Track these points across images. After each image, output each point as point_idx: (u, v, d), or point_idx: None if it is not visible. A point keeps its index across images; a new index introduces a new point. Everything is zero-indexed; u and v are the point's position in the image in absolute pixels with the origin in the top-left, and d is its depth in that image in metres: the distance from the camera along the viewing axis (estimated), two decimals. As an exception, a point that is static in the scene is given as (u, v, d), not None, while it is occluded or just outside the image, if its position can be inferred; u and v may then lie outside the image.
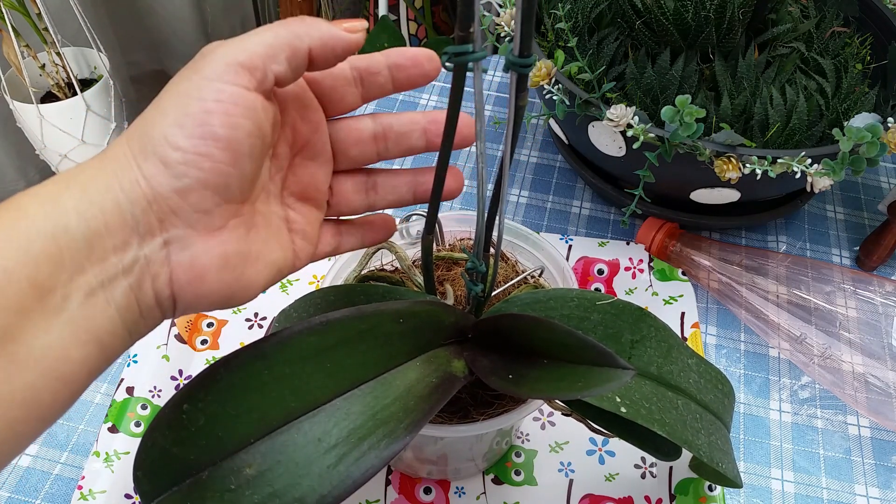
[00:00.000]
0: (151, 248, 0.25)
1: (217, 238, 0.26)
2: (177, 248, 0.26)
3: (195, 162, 0.25)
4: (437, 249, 0.50)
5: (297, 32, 0.26)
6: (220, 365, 0.29)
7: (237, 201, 0.27)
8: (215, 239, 0.26)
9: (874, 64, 0.63)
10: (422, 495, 0.50)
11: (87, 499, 0.48)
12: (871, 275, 0.59)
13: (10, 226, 0.23)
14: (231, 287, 0.27)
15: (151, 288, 0.25)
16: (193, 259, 0.26)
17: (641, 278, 0.60)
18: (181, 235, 0.25)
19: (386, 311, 0.32)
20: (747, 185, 0.54)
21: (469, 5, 0.24)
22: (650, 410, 0.35)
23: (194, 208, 0.25)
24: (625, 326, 0.38)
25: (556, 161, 0.72)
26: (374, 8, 1.42)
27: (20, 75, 1.15)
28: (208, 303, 0.27)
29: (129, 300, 0.25)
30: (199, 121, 0.24)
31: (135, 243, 0.25)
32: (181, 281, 0.26)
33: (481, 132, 0.29)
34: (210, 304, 0.27)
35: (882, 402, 0.52)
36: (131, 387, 0.53)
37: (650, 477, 0.51)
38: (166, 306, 0.27)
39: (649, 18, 0.58)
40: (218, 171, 0.25)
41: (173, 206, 0.25)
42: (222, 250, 0.27)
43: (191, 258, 0.26)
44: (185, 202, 0.25)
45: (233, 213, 0.27)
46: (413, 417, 0.30)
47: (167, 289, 0.26)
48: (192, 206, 0.25)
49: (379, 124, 0.32)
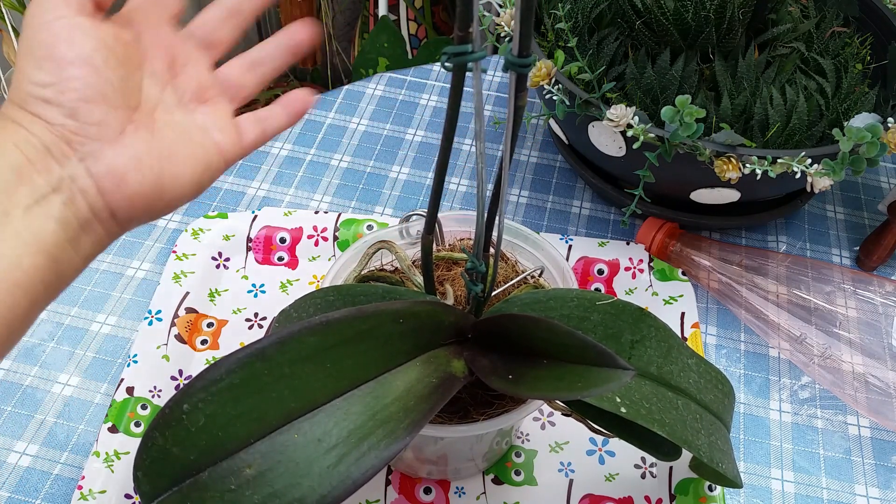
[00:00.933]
0: (71, 166, 0.29)
1: (122, 143, 0.30)
2: (91, 161, 0.29)
3: (66, 85, 0.29)
4: (436, 249, 0.50)
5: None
6: (220, 365, 0.29)
7: (124, 108, 0.31)
8: (120, 144, 0.30)
9: (874, 64, 0.63)
10: (422, 495, 0.50)
11: (87, 499, 0.48)
12: (871, 275, 0.59)
13: None
14: (156, 184, 0.31)
15: (84, 200, 0.29)
16: (109, 166, 0.30)
17: (641, 278, 0.60)
18: (90, 150, 0.29)
19: (386, 311, 0.32)
20: (747, 185, 0.54)
21: (468, 5, 0.24)
22: (650, 410, 0.35)
23: (87, 122, 0.29)
24: (625, 326, 0.38)
25: (556, 161, 0.72)
26: (374, 8, 1.42)
27: (20, 75, 1.15)
28: (143, 204, 0.31)
29: (65, 213, 0.29)
30: (48, 56, 0.29)
31: (55, 165, 0.29)
32: (107, 188, 0.30)
33: (481, 132, 0.29)
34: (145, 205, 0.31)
35: (882, 402, 0.52)
36: (131, 387, 0.53)
37: (650, 477, 0.51)
38: (105, 217, 0.30)
39: (649, 18, 0.58)
40: (87, 84, 0.29)
41: (70, 128, 0.29)
42: (132, 152, 0.30)
43: (106, 166, 0.30)
44: (78, 121, 0.29)
45: (126, 119, 0.31)
46: (413, 418, 0.30)
47: (99, 200, 0.30)
48: (84, 120, 0.29)
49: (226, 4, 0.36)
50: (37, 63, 0.29)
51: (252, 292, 0.60)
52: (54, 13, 0.29)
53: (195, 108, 0.35)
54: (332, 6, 1.55)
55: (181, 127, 0.33)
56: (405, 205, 0.68)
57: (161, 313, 0.56)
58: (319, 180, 0.69)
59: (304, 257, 0.62)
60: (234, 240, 0.61)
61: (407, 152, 0.72)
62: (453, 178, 0.70)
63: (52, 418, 0.53)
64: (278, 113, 0.37)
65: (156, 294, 0.58)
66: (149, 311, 0.56)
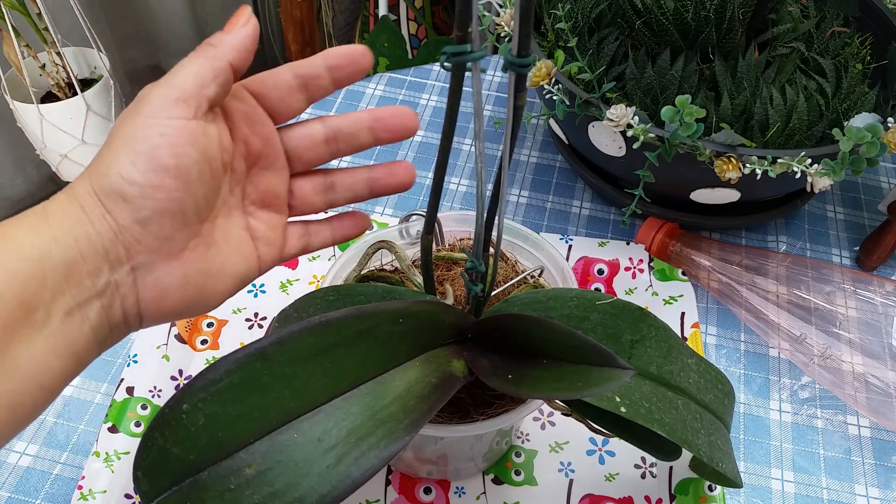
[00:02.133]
0: (120, 273, 0.28)
1: (179, 260, 0.29)
2: (142, 272, 0.29)
3: (150, 194, 0.27)
4: (436, 249, 0.50)
5: (214, 55, 0.29)
6: (220, 365, 0.29)
7: (195, 223, 0.29)
8: (177, 261, 0.29)
9: (874, 64, 0.63)
10: (422, 495, 0.50)
11: (87, 499, 0.48)
12: (871, 275, 0.59)
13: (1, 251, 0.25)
14: (192, 302, 0.30)
15: (121, 308, 0.29)
16: (156, 281, 0.29)
17: (641, 278, 0.60)
18: (145, 261, 0.28)
19: (385, 311, 0.32)
20: (747, 185, 0.54)
21: (467, 5, 0.24)
22: (650, 410, 0.35)
23: (155, 236, 0.28)
24: (625, 326, 0.38)
25: (556, 161, 0.72)
26: (374, 8, 1.42)
27: (20, 75, 1.15)
28: (172, 316, 0.31)
29: (101, 318, 0.28)
30: (148, 156, 0.27)
31: (106, 269, 0.27)
32: (147, 301, 0.29)
33: (480, 132, 0.29)
34: (174, 317, 0.31)
35: (882, 402, 0.52)
36: (131, 387, 0.53)
37: (650, 477, 0.51)
38: (133, 322, 0.30)
39: (649, 18, 0.58)
40: (172, 199, 0.28)
41: (136, 236, 0.28)
42: (183, 272, 0.29)
43: (153, 281, 0.29)
44: (147, 231, 0.28)
45: (192, 234, 0.30)
46: (413, 417, 0.30)
47: (134, 308, 0.29)
48: (153, 233, 0.28)
49: (328, 127, 0.34)
50: (133, 157, 0.27)
51: (252, 292, 0.60)
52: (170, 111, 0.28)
53: (254, 211, 0.33)
54: (332, 6, 1.55)
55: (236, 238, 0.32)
56: (405, 205, 0.68)
57: (161, 313, 0.56)
58: (319, 180, 0.69)
59: (304, 257, 0.62)
60: (234, 240, 0.61)
61: (407, 152, 0.72)
62: (453, 177, 0.70)
63: (52, 418, 0.53)
64: (325, 234, 0.36)
65: (156, 294, 0.58)
66: (149, 311, 0.56)
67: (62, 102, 1.16)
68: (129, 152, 0.27)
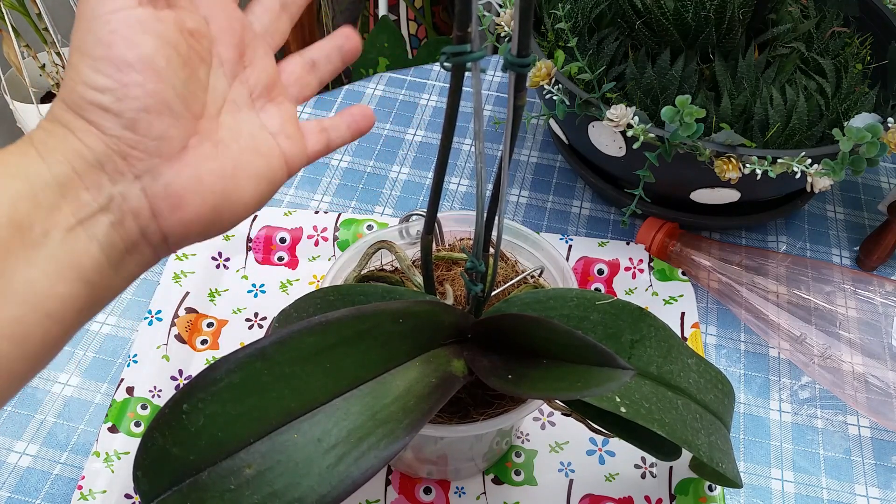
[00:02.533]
0: (124, 184, 0.26)
1: (183, 160, 0.27)
2: (148, 179, 0.26)
3: (124, 93, 0.25)
4: (436, 249, 0.50)
5: None
6: (219, 365, 0.29)
7: (188, 117, 0.27)
8: (181, 161, 0.27)
9: (874, 64, 0.63)
10: (422, 495, 0.50)
11: (87, 499, 0.48)
12: (871, 275, 0.59)
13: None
14: (217, 206, 0.28)
15: (135, 224, 0.26)
16: (167, 186, 0.27)
17: (641, 278, 0.60)
18: (148, 166, 0.26)
19: (385, 311, 0.32)
20: (747, 185, 0.54)
21: (467, 6, 0.24)
22: (650, 410, 0.35)
23: (148, 136, 0.26)
24: (625, 326, 0.38)
25: (556, 161, 0.72)
26: (374, 8, 1.42)
27: (20, 75, 1.15)
28: (199, 228, 0.28)
29: (111, 236, 0.26)
30: (105, 56, 0.25)
31: (106, 182, 0.26)
32: (163, 211, 0.27)
33: (480, 132, 0.29)
34: (201, 228, 0.28)
35: (882, 402, 0.52)
36: (131, 387, 0.53)
37: (650, 477, 0.51)
38: (156, 241, 0.27)
39: (649, 18, 0.58)
40: (148, 92, 0.26)
41: (128, 141, 0.26)
42: (193, 171, 0.27)
43: (164, 186, 0.27)
44: (137, 133, 0.26)
45: (189, 130, 0.27)
46: (413, 417, 0.30)
47: (152, 223, 0.27)
48: (145, 134, 0.26)
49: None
50: (93, 63, 0.25)
51: (252, 292, 0.60)
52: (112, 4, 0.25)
53: (262, 106, 0.31)
54: (332, 6, 1.55)
55: (248, 135, 0.30)
56: (405, 205, 0.68)
57: (161, 313, 0.56)
58: (319, 180, 0.69)
59: (304, 257, 0.62)
60: (234, 240, 0.61)
61: (407, 152, 0.72)
62: (453, 177, 0.70)
63: (53, 418, 0.53)
64: (341, 126, 0.34)
65: (156, 294, 0.58)
66: (149, 311, 0.56)
67: (62, 102, 1.16)
68: (87, 60, 0.25)
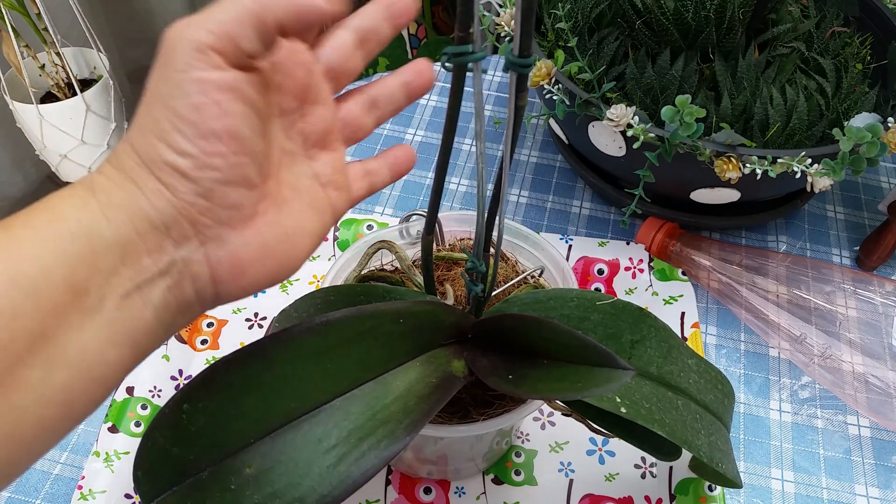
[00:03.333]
0: (188, 249, 0.25)
1: (252, 228, 0.26)
2: (213, 246, 0.25)
3: (207, 163, 0.24)
4: (437, 249, 0.50)
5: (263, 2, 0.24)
6: (220, 365, 0.29)
7: (260, 183, 0.26)
8: (251, 229, 0.26)
9: (874, 64, 0.63)
10: (422, 495, 0.50)
11: (87, 499, 0.48)
12: (871, 275, 0.59)
13: (46, 227, 0.23)
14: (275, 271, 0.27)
15: (192, 287, 0.26)
16: (232, 255, 0.26)
17: (641, 278, 0.60)
18: (216, 234, 0.25)
19: (386, 311, 0.32)
20: (747, 185, 0.54)
21: (468, 6, 0.24)
22: (650, 410, 0.35)
23: (221, 205, 0.25)
24: (625, 326, 0.38)
25: (556, 161, 0.72)
26: (374, 8, 1.42)
27: (20, 75, 1.15)
28: (254, 290, 0.27)
29: (166, 299, 0.25)
30: (192, 121, 0.24)
31: (169, 246, 0.25)
32: (223, 278, 0.26)
33: (481, 132, 0.29)
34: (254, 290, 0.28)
35: (882, 402, 0.52)
36: (131, 387, 0.53)
37: (650, 477, 0.51)
38: (207, 301, 0.27)
39: (649, 18, 0.58)
40: (231, 164, 0.25)
41: (201, 209, 0.25)
42: (260, 239, 0.26)
43: (230, 254, 0.26)
44: (211, 202, 0.25)
45: (260, 196, 0.26)
46: (413, 417, 0.30)
47: (210, 287, 0.26)
48: (219, 203, 0.25)
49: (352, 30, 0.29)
50: (178, 125, 0.24)
51: (252, 292, 0.60)
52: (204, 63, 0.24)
53: (316, 154, 0.30)
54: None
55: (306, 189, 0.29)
56: (405, 205, 0.68)
57: (161, 313, 0.56)
58: (319, 180, 0.69)
59: (304, 257, 0.62)
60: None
61: (407, 152, 0.72)
62: (453, 177, 0.70)
63: (52, 418, 0.53)
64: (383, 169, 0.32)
65: (156, 294, 0.58)
66: (149, 311, 0.56)
67: (62, 103, 1.16)
68: (170, 117, 0.24)
